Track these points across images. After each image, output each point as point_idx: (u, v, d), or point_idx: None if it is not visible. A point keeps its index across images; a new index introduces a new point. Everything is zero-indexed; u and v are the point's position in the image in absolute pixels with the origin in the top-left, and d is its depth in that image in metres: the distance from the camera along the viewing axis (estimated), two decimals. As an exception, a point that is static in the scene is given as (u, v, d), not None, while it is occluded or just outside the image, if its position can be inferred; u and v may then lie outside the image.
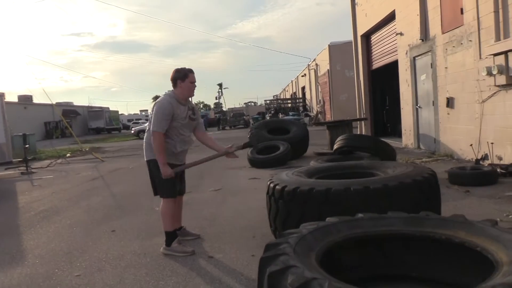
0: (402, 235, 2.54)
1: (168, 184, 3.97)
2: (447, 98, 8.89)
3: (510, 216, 4.30)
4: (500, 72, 6.61)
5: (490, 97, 7.27)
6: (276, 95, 73.83)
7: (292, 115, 35.07)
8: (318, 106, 34.85)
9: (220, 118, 44.10)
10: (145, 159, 4.08)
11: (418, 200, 3.30)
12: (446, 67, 8.97)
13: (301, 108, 44.41)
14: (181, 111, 3.97)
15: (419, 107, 10.80)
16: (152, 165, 4.00)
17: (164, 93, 4.12)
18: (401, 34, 11.48)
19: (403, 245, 2.57)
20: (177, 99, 3.96)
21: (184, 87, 4.00)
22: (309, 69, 39.57)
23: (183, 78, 3.99)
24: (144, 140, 4.13)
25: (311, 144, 12.21)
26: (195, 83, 4.09)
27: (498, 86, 6.90)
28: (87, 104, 59.41)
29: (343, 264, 2.48)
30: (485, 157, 7.48)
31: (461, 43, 8.20)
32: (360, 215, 2.70)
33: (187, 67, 4.11)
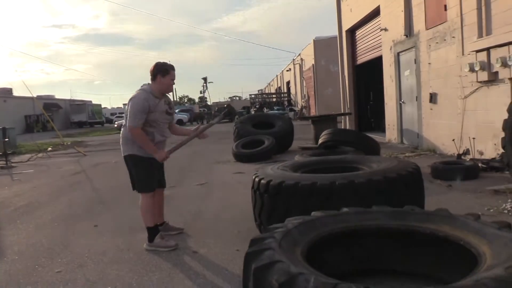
0: (387, 229, 2.55)
1: (146, 178, 3.96)
2: (430, 94, 8.98)
3: (492, 210, 4.36)
4: (482, 68, 6.69)
5: (472, 93, 7.37)
6: (261, 90, 73.80)
7: (277, 110, 35.08)
8: (303, 100, 34.94)
9: (203, 112, 43.74)
10: (123, 154, 4.04)
11: (402, 194, 3.32)
12: (429, 63, 9.06)
13: (286, 103, 44.45)
14: (156, 104, 3.94)
15: (403, 102, 10.89)
16: (129, 159, 3.99)
17: (140, 87, 4.04)
18: (385, 29, 11.54)
19: (388, 239, 2.58)
20: (152, 94, 3.93)
21: (163, 83, 3.98)
22: (294, 64, 39.61)
23: (163, 74, 3.96)
24: (121, 135, 4.08)
25: (296, 139, 12.22)
26: (174, 81, 4.06)
27: (480, 82, 6.98)
28: (69, 98, 58.49)
29: (328, 259, 2.47)
30: (466, 152, 7.58)
31: (445, 40, 8.28)
32: (345, 209, 2.70)
33: (169, 63, 4.09)
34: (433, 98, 8.92)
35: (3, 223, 5.49)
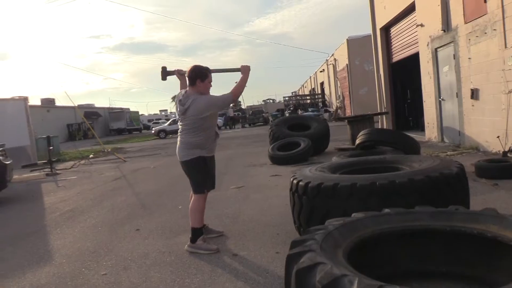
0: (430, 230, 2.48)
1: (204, 180, 4.09)
2: (472, 90, 8.67)
3: (542, 209, 4.16)
4: (527, 61, 6.41)
5: (517, 87, 7.06)
6: (295, 92, 73.46)
7: (311, 111, 34.84)
8: (337, 101, 34.54)
9: (237, 116, 43.98)
10: (181, 160, 4.11)
11: (445, 194, 3.22)
12: (469, 58, 8.75)
13: (320, 104, 44.09)
14: None
15: (442, 99, 10.58)
16: (190, 164, 4.06)
17: (185, 94, 4.07)
18: (421, 25, 11.25)
19: (432, 240, 2.51)
20: None
21: (203, 87, 4.05)
22: (327, 64, 39.24)
23: (202, 78, 4.03)
24: (178, 140, 4.14)
25: (332, 140, 12.09)
26: (211, 83, 4.15)
27: (525, 75, 6.69)
28: (108, 106, 60.31)
29: (371, 260, 2.43)
30: (512, 149, 7.26)
31: (485, 33, 7.98)
32: (386, 210, 2.64)
33: (205, 66, 4.14)
34: (474, 94, 8.60)
35: (50, 227, 5.72)
